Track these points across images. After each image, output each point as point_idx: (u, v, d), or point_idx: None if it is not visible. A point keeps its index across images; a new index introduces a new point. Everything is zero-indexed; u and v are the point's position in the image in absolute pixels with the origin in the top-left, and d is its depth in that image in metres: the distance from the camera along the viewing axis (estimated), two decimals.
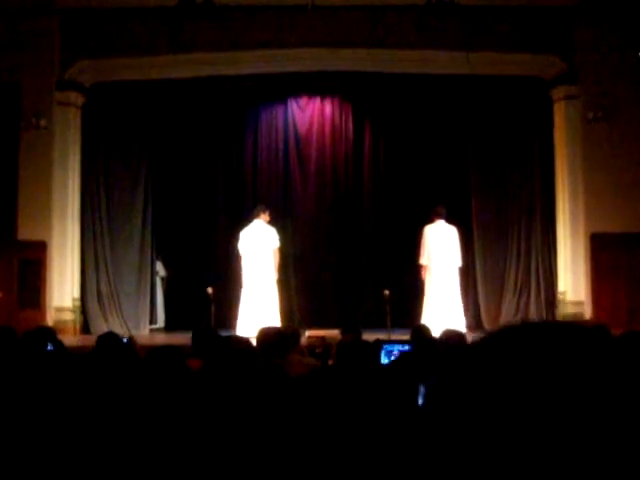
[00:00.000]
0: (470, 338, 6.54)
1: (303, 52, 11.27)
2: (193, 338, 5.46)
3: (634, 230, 11.02)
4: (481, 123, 12.14)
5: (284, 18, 11.04)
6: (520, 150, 11.98)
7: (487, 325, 11.78)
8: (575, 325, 1.16)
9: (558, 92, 11.45)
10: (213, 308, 10.89)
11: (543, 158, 11.77)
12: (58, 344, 4.71)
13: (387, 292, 11.08)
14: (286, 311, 11.51)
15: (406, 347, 5.09)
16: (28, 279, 11.11)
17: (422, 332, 6.32)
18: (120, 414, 2.58)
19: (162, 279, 12.63)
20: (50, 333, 5.06)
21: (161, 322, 12.52)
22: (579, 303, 11.14)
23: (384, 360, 5.10)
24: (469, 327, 11.08)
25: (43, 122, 10.95)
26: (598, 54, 11.13)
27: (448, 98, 12.18)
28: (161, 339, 11.57)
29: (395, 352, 4.85)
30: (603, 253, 11.10)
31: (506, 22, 11.15)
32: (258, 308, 10.81)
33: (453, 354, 4.10)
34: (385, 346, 5.22)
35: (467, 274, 11.73)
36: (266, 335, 5.45)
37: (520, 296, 11.84)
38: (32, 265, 11.09)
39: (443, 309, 10.98)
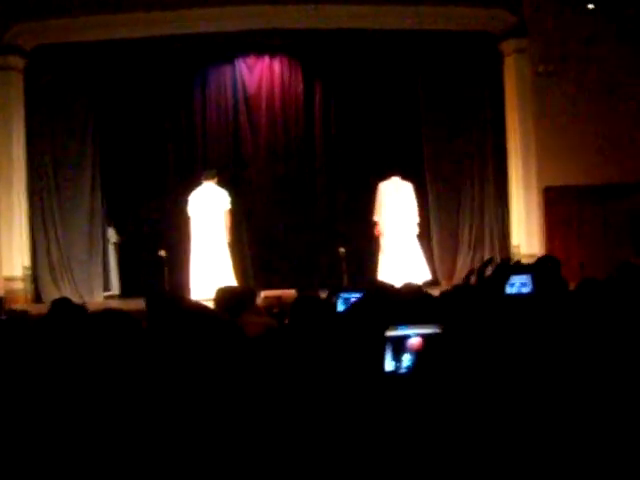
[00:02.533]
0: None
1: (249, 9, 11.07)
2: (147, 303, 5.36)
3: (586, 183, 11.13)
4: (432, 78, 12.09)
5: None
6: (472, 104, 11.98)
7: (442, 280, 11.85)
8: None
9: (508, 45, 11.45)
10: (167, 271, 10.79)
11: (495, 112, 11.80)
12: (9, 312, 4.58)
13: (342, 250, 11.11)
14: (240, 272, 11.44)
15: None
16: None
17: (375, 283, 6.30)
18: (74, 377, 2.50)
19: (115, 245, 12.42)
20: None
21: (116, 289, 12.34)
22: (533, 256, 11.19)
23: (341, 308, 5.05)
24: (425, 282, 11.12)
25: None
26: (547, 7, 11.12)
27: (398, 54, 12.10)
28: (116, 305, 11.41)
29: (352, 300, 4.78)
30: (556, 206, 11.20)
31: None
32: (211, 270, 10.74)
33: (412, 304, 4.07)
34: (342, 294, 5.15)
35: (422, 231, 11.75)
36: (223, 294, 5.41)
37: (475, 251, 11.93)
38: None
39: (400, 263, 11.02)
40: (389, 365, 3.12)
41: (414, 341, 3.13)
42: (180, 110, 12.42)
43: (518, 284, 4.64)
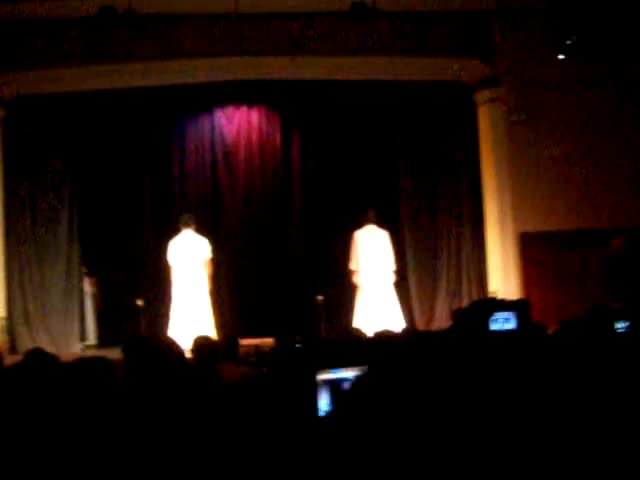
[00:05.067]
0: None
1: (228, 61, 11.18)
2: (124, 350, 5.32)
3: (561, 228, 11.24)
4: (408, 128, 12.25)
5: (208, 27, 10.94)
6: (447, 153, 12.14)
7: (420, 327, 11.85)
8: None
9: (481, 95, 11.63)
10: (144, 321, 10.73)
11: (469, 160, 11.94)
12: None
13: (320, 298, 11.12)
14: (219, 322, 11.39)
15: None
16: None
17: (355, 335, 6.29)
18: (47, 426, 2.48)
19: (92, 295, 12.32)
20: None
21: (92, 339, 12.23)
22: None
23: None
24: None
25: None
26: (519, 56, 11.34)
27: (375, 103, 12.25)
28: (92, 355, 11.30)
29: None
30: (532, 252, 11.29)
31: (428, 27, 11.24)
32: (191, 320, 10.68)
33: (384, 352, 4.08)
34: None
35: (399, 278, 11.77)
36: (200, 343, 5.40)
37: (453, 297, 11.98)
38: None
39: (377, 312, 11.03)
40: (325, 407, 3.14)
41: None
42: (158, 159, 12.46)
43: (501, 320, 4.68)
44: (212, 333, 10.23)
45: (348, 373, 3.17)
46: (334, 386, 3.13)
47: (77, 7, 10.26)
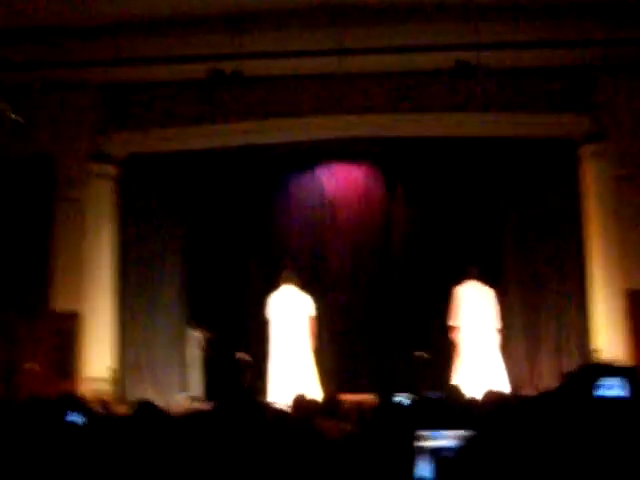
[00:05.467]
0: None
1: (333, 119, 11.36)
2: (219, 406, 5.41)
3: None
4: (511, 184, 12.17)
5: (313, 86, 11.19)
6: (551, 209, 11.96)
7: (524, 388, 11.60)
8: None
9: (586, 150, 11.44)
10: (248, 376, 10.85)
11: (573, 217, 11.72)
12: (88, 411, 4.67)
13: (421, 354, 11.04)
14: (322, 379, 11.40)
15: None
16: (62, 350, 11.12)
17: (454, 393, 6.25)
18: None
19: (200, 346, 12.50)
20: (75, 401, 5.02)
21: (199, 391, 12.41)
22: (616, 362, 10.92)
23: None
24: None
25: (76, 194, 11.11)
26: (625, 111, 11.14)
27: (478, 160, 12.23)
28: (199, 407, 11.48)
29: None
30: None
31: (532, 83, 11.21)
32: (292, 376, 10.70)
33: (494, 415, 4.03)
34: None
35: (503, 336, 11.59)
36: (299, 401, 5.44)
37: (557, 356, 11.69)
38: (66, 335, 11.11)
39: (479, 371, 10.85)
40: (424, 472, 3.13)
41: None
42: (264, 217, 12.72)
43: (610, 386, 4.53)
44: (316, 390, 10.26)
45: (450, 438, 3.16)
46: (435, 452, 3.13)
47: (188, 70, 10.68)
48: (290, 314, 10.95)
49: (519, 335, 11.96)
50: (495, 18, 9.92)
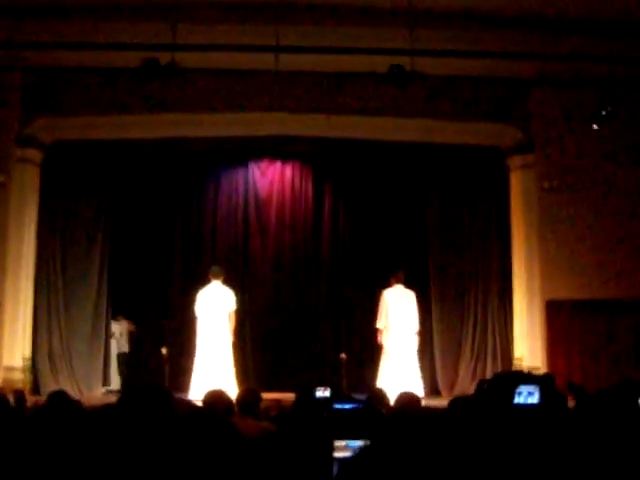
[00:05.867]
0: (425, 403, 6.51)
1: (265, 116, 11.34)
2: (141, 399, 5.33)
3: (588, 297, 11.17)
4: (440, 189, 12.33)
5: (248, 82, 11.13)
6: (478, 216, 12.17)
7: (443, 391, 11.77)
8: None
9: (514, 161, 11.65)
10: (167, 369, 10.76)
11: (500, 225, 11.93)
12: (2, 401, 4.59)
13: (343, 355, 11.11)
14: (242, 374, 11.38)
15: (357, 405, 5.04)
16: None
17: (378, 396, 6.28)
18: (66, 469, 2.52)
19: (125, 340, 12.35)
20: None
21: (115, 384, 12.28)
22: (535, 369, 11.15)
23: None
24: (425, 392, 11.08)
25: (1, 178, 10.85)
26: (554, 124, 11.39)
27: (407, 164, 12.37)
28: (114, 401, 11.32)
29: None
30: (559, 320, 11.21)
31: (464, 92, 11.36)
32: (213, 371, 10.68)
33: (408, 418, 4.08)
34: (335, 404, 5.14)
35: (424, 339, 11.73)
36: (212, 397, 5.38)
37: (477, 362, 11.90)
38: None
39: (400, 373, 10.97)
40: None
41: None
42: (191, 209, 12.66)
43: (525, 393, 4.66)
44: (233, 386, 10.21)
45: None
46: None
47: (120, 58, 10.51)
48: (214, 309, 10.91)
49: (441, 339, 12.12)
50: (431, 25, 10.01)
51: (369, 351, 11.75)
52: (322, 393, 6.25)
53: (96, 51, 10.49)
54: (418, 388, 10.71)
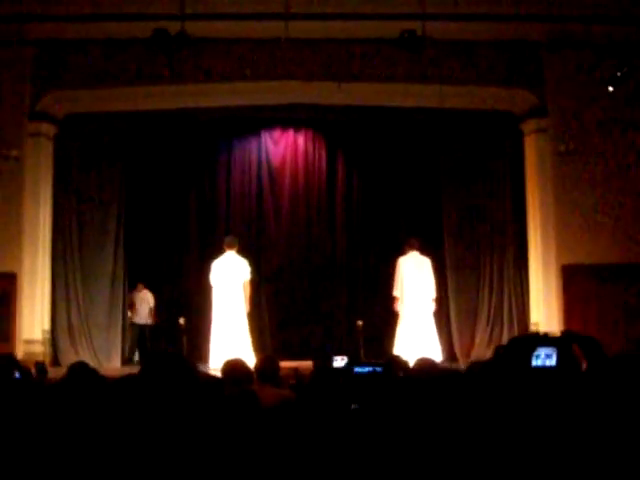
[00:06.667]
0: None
1: (277, 85, 11.29)
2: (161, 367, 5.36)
3: (604, 261, 11.12)
4: (453, 155, 12.25)
5: (258, 51, 11.07)
6: (492, 182, 12.11)
7: (460, 357, 11.79)
8: None
9: (529, 125, 11.57)
10: (185, 340, 10.82)
11: (515, 190, 11.88)
12: (25, 373, 4.64)
13: (360, 323, 11.14)
14: (259, 343, 11.45)
15: (376, 369, 5.04)
16: None
17: (397, 361, 6.30)
18: (88, 442, 2.54)
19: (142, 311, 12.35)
20: (15, 362, 4.98)
21: (136, 354, 12.34)
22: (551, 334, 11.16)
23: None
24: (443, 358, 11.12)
25: (14, 153, 10.85)
26: (568, 87, 11.27)
27: (421, 130, 12.29)
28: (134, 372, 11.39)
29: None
30: (574, 284, 11.17)
31: (477, 56, 11.26)
32: (230, 341, 10.73)
33: (426, 383, 4.08)
34: (355, 368, 5.14)
35: (440, 306, 11.74)
36: (231, 366, 5.40)
37: (493, 328, 11.90)
38: (1, 297, 10.92)
39: (416, 340, 10.99)
40: None
41: None
42: (205, 179, 12.66)
43: (543, 356, 4.65)
44: (250, 355, 10.27)
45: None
46: None
47: (131, 29, 10.46)
48: (229, 279, 10.95)
49: (457, 306, 12.12)
50: None
51: (386, 319, 11.78)
52: (340, 362, 6.28)
53: (106, 22, 10.46)
54: (436, 354, 10.76)
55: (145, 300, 12.20)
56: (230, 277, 10.94)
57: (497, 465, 2.15)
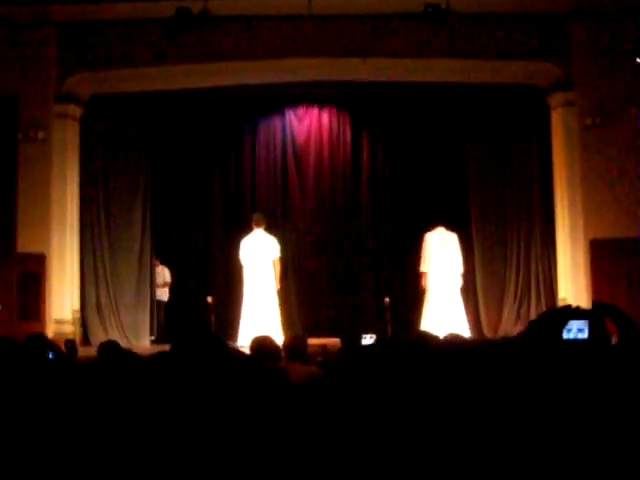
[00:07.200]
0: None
1: (300, 62, 11.26)
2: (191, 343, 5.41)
3: (633, 235, 11.02)
4: (479, 130, 12.17)
5: (281, 28, 11.04)
6: (519, 156, 12.04)
7: (487, 332, 11.78)
8: None
9: (555, 99, 11.45)
10: (213, 318, 10.89)
11: (542, 165, 11.79)
12: (58, 353, 4.70)
13: (387, 300, 11.14)
14: (287, 320, 11.50)
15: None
16: (28, 291, 11.07)
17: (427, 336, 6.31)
18: (122, 421, 2.57)
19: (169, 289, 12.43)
20: (48, 341, 5.05)
21: (163, 333, 12.43)
22: None
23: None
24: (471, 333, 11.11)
25: (41, 134, 10.94)
26: (594, 60, 11.14)
27: (445, 106, 12.22)
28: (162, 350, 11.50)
29: None
30: (602, 259, 11.09)
31: (502, 30, 11.15)
32: (259, 318, 10.79)
33: (455, 358, 4.07)
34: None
35: (467, 281, 11.71)
36: (259, 343, 5.44)
37: (520, 303, 11.86)
38: (31, 277, 11.05)
39: (444, 316, 10.99)
40: None
41: None
42: (230, 157, 12.69)
43: (575, 329, 4.63)
44: (279, 332, 10.33)
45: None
46: None
47: (153, 8, 10.47)
48: (259, 257, 10.99)
49: (484, 281, 12.09)
50: None
51: (413, 295, 11.78)
52: (368, 340, 6.30)
53: (129, 2, 10.48)
54: (464, 330, 10.75)
55: (161, 275, 12.29)
56: (260, 255, 10.98)
57: (534, 436, 2.16)
